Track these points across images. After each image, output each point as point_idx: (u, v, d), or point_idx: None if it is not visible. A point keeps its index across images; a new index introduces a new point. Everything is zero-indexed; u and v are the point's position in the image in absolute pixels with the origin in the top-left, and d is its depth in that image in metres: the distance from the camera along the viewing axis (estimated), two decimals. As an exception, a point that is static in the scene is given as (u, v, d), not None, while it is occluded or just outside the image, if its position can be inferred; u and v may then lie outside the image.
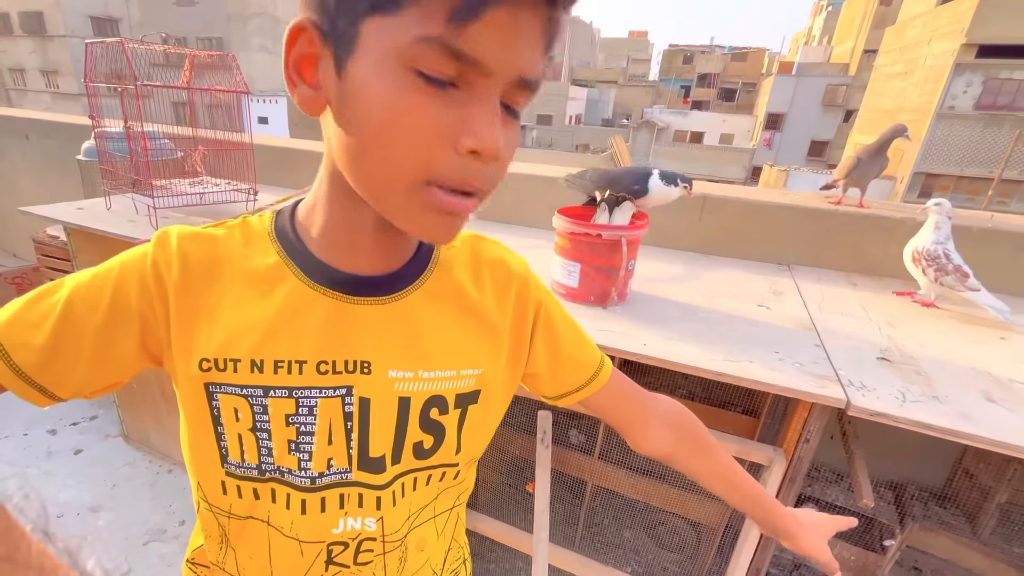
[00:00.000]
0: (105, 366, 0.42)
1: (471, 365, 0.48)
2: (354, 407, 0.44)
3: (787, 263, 1.58)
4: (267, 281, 0.43)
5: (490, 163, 0.36)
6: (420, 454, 0.48)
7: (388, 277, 0.45)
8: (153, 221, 1.65)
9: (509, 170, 0.40)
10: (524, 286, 0.52)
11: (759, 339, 1.04)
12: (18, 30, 21.58)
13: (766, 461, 0.98)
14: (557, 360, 0.54)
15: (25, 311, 0.41)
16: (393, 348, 0.45)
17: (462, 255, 0.51)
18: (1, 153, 3.28)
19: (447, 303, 0.48)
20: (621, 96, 33.18)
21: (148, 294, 0.42)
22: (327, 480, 0.45)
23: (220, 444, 0.43)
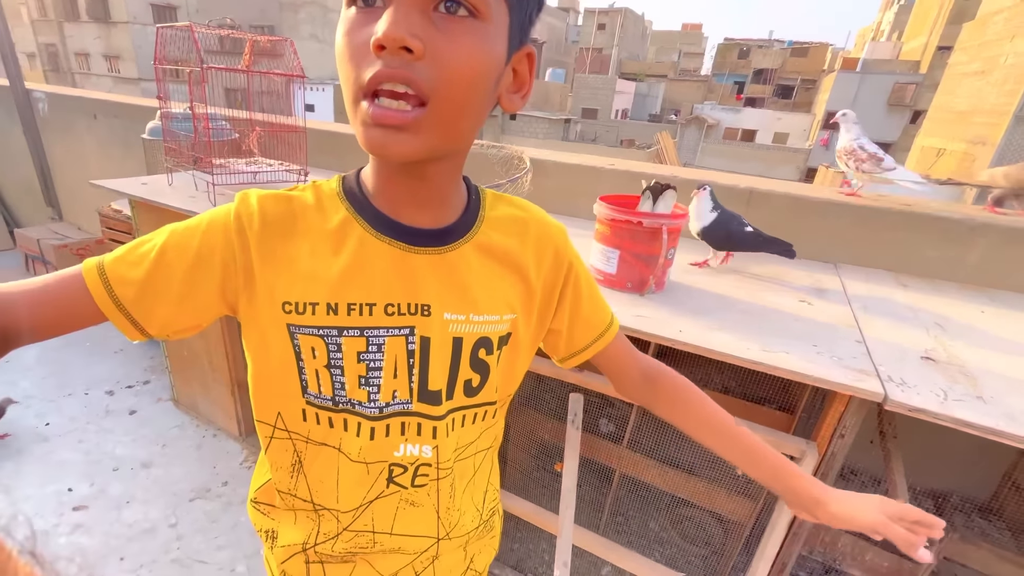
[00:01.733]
0: (188, 307, 0.49)
1: (510, 311, 0.55)
2: (416, 345, 0.50)
3: (834, 261, 1.56)
4: (338, 234, 0.49)
5: (406, 57, 0.38)
6: (469, 392, 0.55)
7: (441, 231, 0.51)
8: (211, 197, 1.77)
9: (552, 158, 0.45)
10: (560, 248, 0.58)
11: (797, 332, 1.05)
12: (84, 16, 22.95)
13: (797, 453, 1.00)
14: (576, 320, 0.61)
15: (128, 253, 0.48)
16: (448, 293, 0.51)
17: (507, 214, 0.57)
18: (71, 131, 3.54)
19: (492, 256, 0.54)
20: (671, 91, 32.54)
21: (231, 244, 0.48)
22: (391, 410, 0.51)
23: (301, 377, 0.50)
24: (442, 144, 0.44)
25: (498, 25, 0.41)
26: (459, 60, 0.39)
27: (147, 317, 0.48)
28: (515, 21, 0.43)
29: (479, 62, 0.41)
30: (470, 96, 0.42)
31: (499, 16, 0.41)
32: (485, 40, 0.41)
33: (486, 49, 0.41)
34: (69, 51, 24.31)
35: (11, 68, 3.47)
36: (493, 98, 0.45)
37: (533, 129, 21.64)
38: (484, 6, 0.40)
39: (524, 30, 0.45)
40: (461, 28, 0.39)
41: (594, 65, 31.80)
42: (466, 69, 0.40)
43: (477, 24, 0.40)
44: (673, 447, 1.31)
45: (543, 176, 1.84)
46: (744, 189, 1.63)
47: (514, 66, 0.46)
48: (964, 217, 1.43)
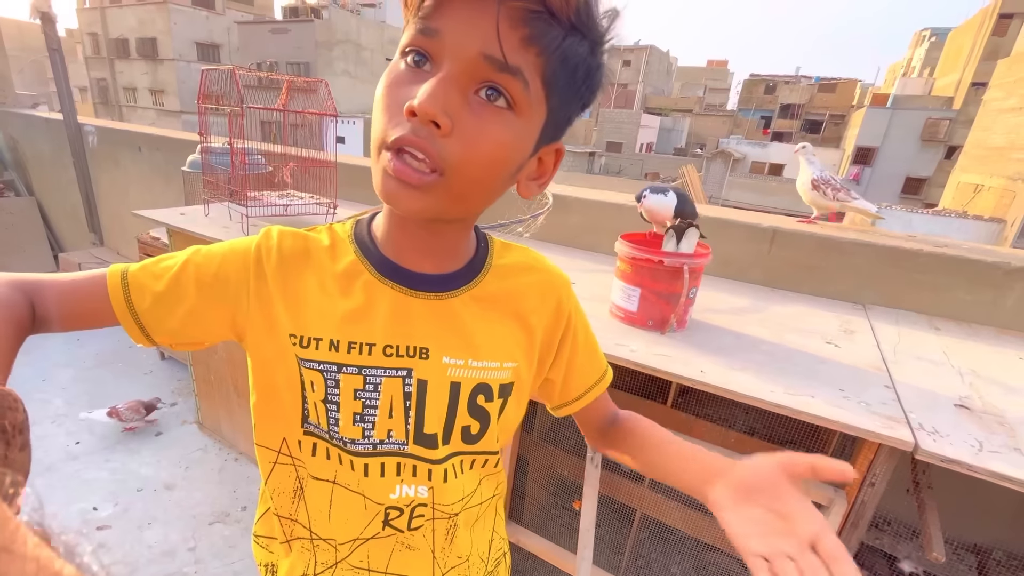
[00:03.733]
0: (195, 324, 0.52)
1: (511, 359, 0.56)
2: (413, 387, 0.52)
3: (863, 303, 1.54)
4: (346, 276, 0.52)
5: (432, 131, 0.39)
6: (468, 439, 0.55)
7: (444, 276, 0.53)
8: (244, 228, 1.85)
9: (575, 194, 0.47)
10: (562, 299, 0.60)
11: (824, 375, 1.04)
12: (134, 54, 24.50)
13: (825, 501, 0.97)
14: (572, 370, 0.63)
15: (152, 264, 0.53)
16: (447, 338, 0.53)
17: (514, 263, 0.59)
18: (116, 162, 3.75)
19: (495, 304, 0.56)
20: (696, 125, 32.79)
21: (247, 273, 0.52)
22: (385, 448, 0.52)
23: (304, 406, 0.52)
24: (451, 209, 0.45)
25: (532, 122, 0.43)
26: (482, 146, 0.41)
27: (156, 326, 0.51)
28: (551, 121, 0.45)
29: (502, 152, 0.43)
30: (485, 178, 0.44)
31: (537, 115, 0.43)
32: (514, 134, 0.42)
33: (512, 142, 0.43)
34: (118, 85, 25.89)
35: (66, 104, 3.73)
36: (512, 181, 0.48)
37: (557, 162, 21.96)
38: (524, 103, 0.41)
39: (559, 128, 0.46)
40: (494, 116, 0.41)
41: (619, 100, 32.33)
42: (487, 156, 0.42)
43: (511, 117, 0.41)
44: (695, 490, 1.29)
45: (565, 212, 1.88)
46: (767, 228, 1.63)
47: (540, 156, 0.48)
48: (1000, 260, 1.41)
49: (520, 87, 0.40)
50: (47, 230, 4.34)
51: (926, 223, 9.09)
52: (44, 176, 4.34)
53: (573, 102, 0.45)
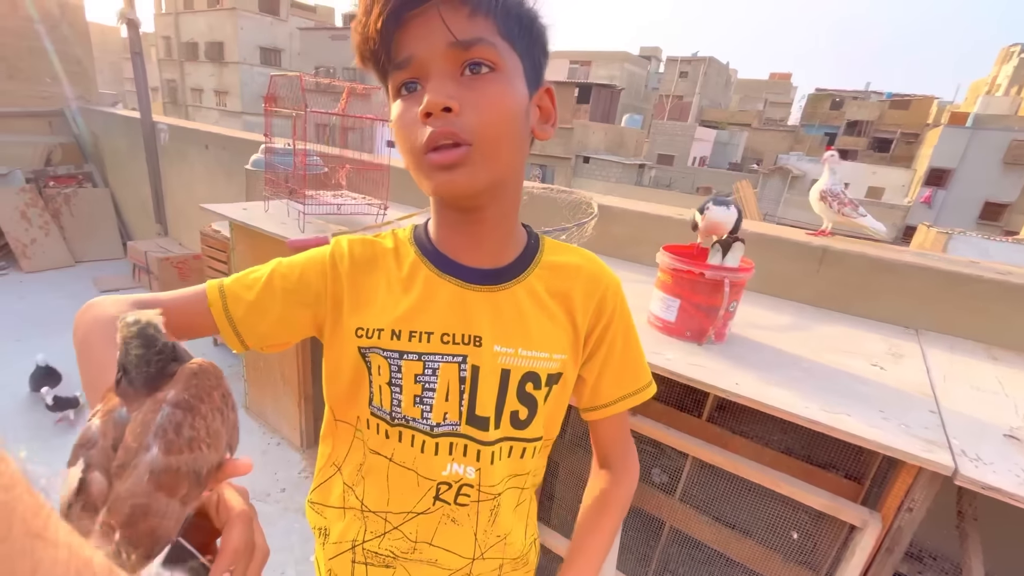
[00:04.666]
0: (283, 327, 0.62)
1: (560, 350, 0.61)
2: (467, 372, 0.58)
3: (915, 327, 1.51)
4: (409, 273, 0.60)
5: (448, 116, 0.48)
6: (516, 424, 0.61)
7: (496, 271, 0.60)
8: (300, 225, 1.99)
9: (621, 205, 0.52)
10: (606, 297, 0.64)
11: (864, 396, 1.04)
12: (202, 57, 26.13)
13: (859, 523, 0.97)
14: (605, 372, 0.65)
15: (243, 277, 0.62)
16: (499, 328, 0.59)
17: (564, 261, 0.64)
18: (185, 158, 4.04)
19: (545, 297, 0.61)
20: (753, 140, 31.99)
21: (325, 279, 0.60)
22: (441, 430, 0.59)
23: (369, 390, 0.60)
24: (492, 174, 0.52)
25: (514, 72, 0.51)
26: (489, 106, 0.49)
27: (249, 332, 0.60)
28: (528, 66, 0.53)
29: (506, 104, 0.50)
30: (504, 131, 0.51)
31: (514, 65, 0.51)
32: (507, 85, 0.50)
33: (509, 92, 0.50)
34: (186, 86, 27.62)
35: (143, 103, 4.06)
36: (526, 131, 0.54)
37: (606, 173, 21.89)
38: (500, 60, 0.49)
39: (537, 73, 0.55)
40: (485, 82, 0.49)
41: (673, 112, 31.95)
42: (496, 111, 0.50)
43: (497, 75, 0.50)
44: (728, 505, 1.30)
45: (611, 222, 1.92)
46: (817, 247, 1.63)
47: (537, 103, 0.56)
48: (1069, 290, 1.36)
49: (489, 50, 0.49)
50: (118, 219, 4.71)
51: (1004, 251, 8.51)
52: (119, 169, 4.72)
53: (534, 46, 0.53)
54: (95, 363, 0.51)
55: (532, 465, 0.65)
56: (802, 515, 1.26)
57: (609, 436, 0.71)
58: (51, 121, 4.65)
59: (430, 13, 0.47)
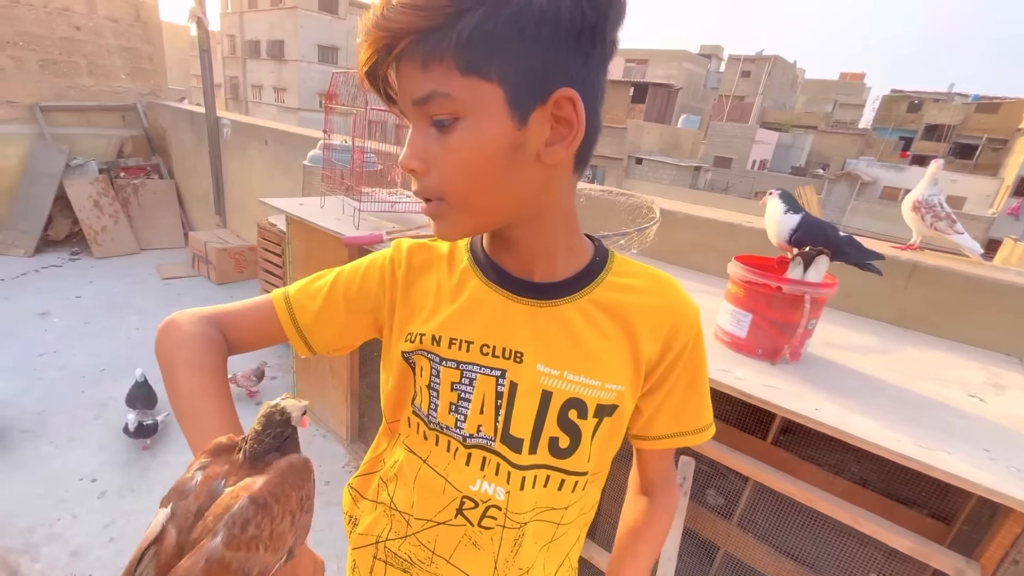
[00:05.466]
0: (348, 332, 0.64)
1: (616, 381, 0.56)
2: (505, 388, 0.56)
3: (1018, 355, 1.38)
4: (460, 280, 0.59)
5: (412, 174, 0.49)
6: (556, 452, 0.57)
7: (546, 285, 0.56)
8: (356, 222, 2.02)
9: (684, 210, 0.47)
10: (679, 328, 0.57)
11: (964, 431, 0.95)
12: (264, 54, 27.33)
13: (953, 572, 0.89)
14: (664, 407, 0.61)
15: (307, 286, 0.64)
16: (545, 346, 0.55)
17: (633, 283, 0.58)
18: (245, 153, 4.21)
19: (605, 320, 0.56)
20: (819, 143, 30.62)
21: (384, 284, 0.62)
22: (474, 442, 0.57)
23: (413, 391, 0.61)
24: (476, 222, 0.52)
25: (487, 108, 0.44)
26: (453, 162, 0.46)
27: (316, 339, 0.63)
28: (516, 86, 0.44)
29: (471, 156, 0.46)
30: (473, 183, 0.47)
31: (487, 99, 0.44)
32: (472, 133, 0.45)
33: (476, 141, 0.45)
34: (247, 83, 28.96)
35: (209, 100, 4.26)
36: (521, 163, 0.47)
37: (659, 175, 21.47)
38: (460, 106, 0.44)
39: (538, 84, 0.44)
40: (450, 136, 0.45)
41: (733, 113, 30.99)
42: (459, 166, 0.46)
43: (464, 124, 0.45)
44: (793, 535, 1.22)
45: (672, 227, 1.85)
46: (905, 262, 1.51)
47: (553, 113, 0.46)
48: None
49: (442, 102, 0.44)
50: (181, 210, 4.97)
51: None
52: (183, 162, 4.98)
53: (531, 51, 0.43)
54: (184, 396, 0.56)
55: (573, 500, 0.60)
56: (875, 553, 1.18)
57: (655, 467, 0.68)
58: (124, 115, 4.94)
59: (397, 69, 0.46)
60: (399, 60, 0.45)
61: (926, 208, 1.54)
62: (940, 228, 1.52)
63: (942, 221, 1.52)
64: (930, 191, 1.56)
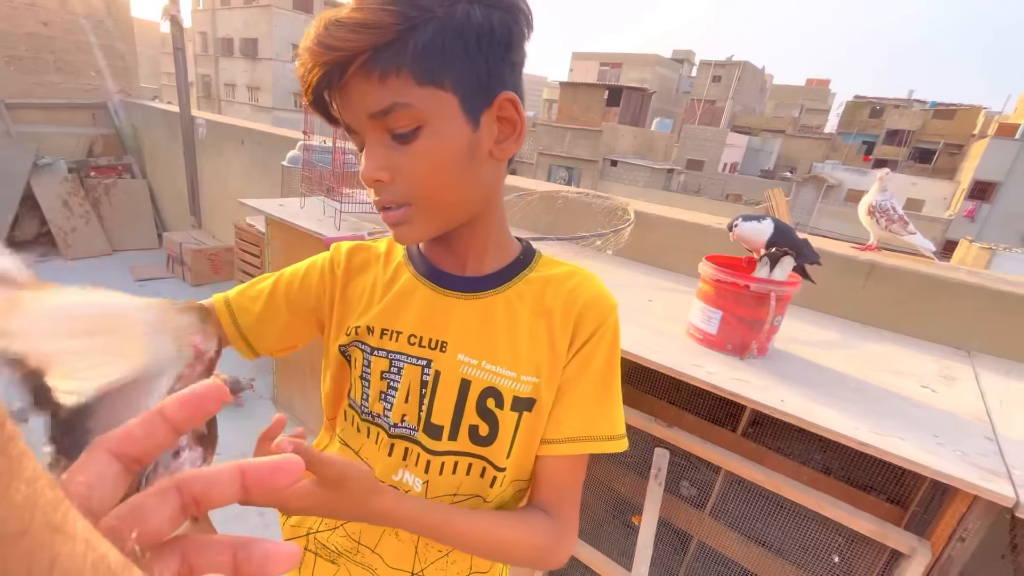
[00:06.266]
0: (289, 332, 0.66)
1: (532, 373, 0.57)
2: (430, 377, 0.58)
3: (967, 349, 1.46)
4: (394, 275, 0.63)
5: (381, 186, 0.50)
6: (476, 440, 0.57)
7: (473, 279, 0.60)
8: (336, 222, 2.02)
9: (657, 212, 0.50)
10: (587, 315, 0.58)
11: (917, 419, 1.01)
12: (237, 52, 26.79)
13: (907, 550, 0.94)
14: (559, 403, 0.58)
15: (248, 289, 0.66)
16: (467, 337, 0.58)
17: (555, 277, 0.60)
18: (221, 153, 4.15)
19: (524, 312, 0.58)
20: (787, 147, 31.39)
21: (324, 281, 0.65)
22: (398, 431, 0.59)
23: (349, 383, 0.64)
24: (440, 221, 0.54)
25: (446, 113, 0.48)
26: (419, 169, 0.49)
27: (258, 339, 0.65)
28: (467, 92, 0.48)
29: (435, 160, 0.49)
30: (440, 184, 0.50)
31: (444, 106, 0.47)
32: (435, 139, 0.48)
33: (437, 146, 0.48)
34: (220, 82, 28.34)
35: (183, 98, 4.17)
36: (477, 163, 0.51)
37: (633, 177, 21.72)
38: (421, 115, 0.47)
39: (483, 90, 0.49)
40: (412, 145, 0.48)
41: (705, 117, 31.56)
42: (426, 171, 0.49)
43: (424, 133, 0.48)
44: (760, 523, 1.27)
45: (647, 229, 1.91)
46: (864, 261, 1.59)
47: (497, 115, 0.51)
48: None
49: (404, 113, 0.47)
50: (154, 211, 4.85)
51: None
52: (156, 162, 4.87)
53: (476, 59, 0.47)
54: None
55: (495, 495, 0.59)
56: (837, 537, 1.24)
57: (551, 484, 0.59)
58: (94, 113, 4.81)
59: (348, 86, 0.47)
60: (353, 77, 0.46)
61: (880, 212, 1.64)
62: (894, 230, 1.62)
63: (896, 223, 1.61)
64: (882, 196, 1.66)
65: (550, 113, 31.56)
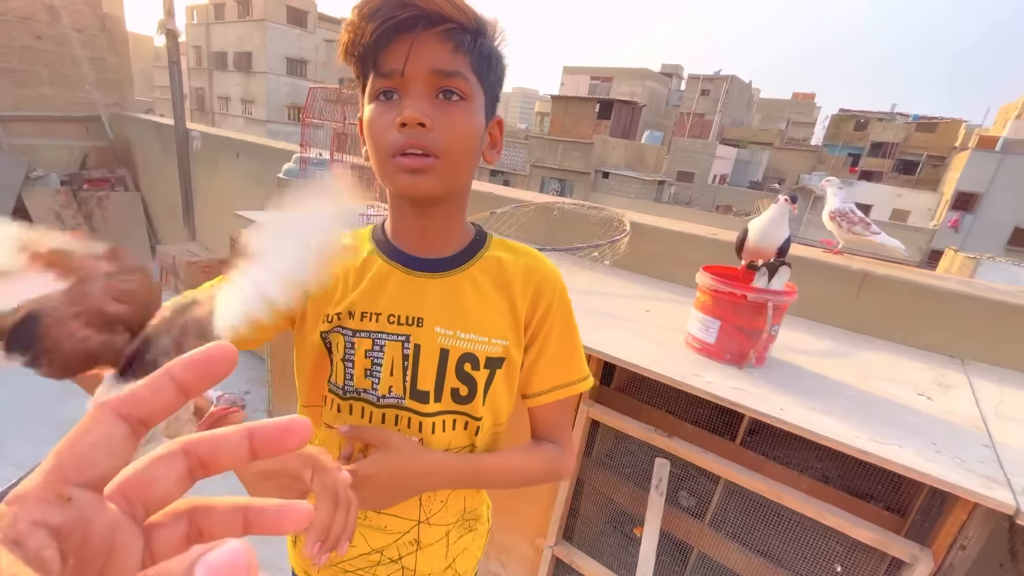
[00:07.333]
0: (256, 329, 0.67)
1: (500, 336, 0.66)
2: (410, 350, 0.64)
3: (960, 357, 1.47)
4: (364, 264, 0.67)
5: (421, 130, 0.54)
6: (458, 399, 0.66)
7: (440, 260, 0.66)
8: (333, 233, 2.01)
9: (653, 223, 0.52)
10: (543, 286, 0.69)
11: (915, 427, 1.02)
12: (231, 66, 26.84)
13: (909, 559, 0.94)
14: (538, 363, 0.70)
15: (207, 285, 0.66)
16: (441, 311, 0.65)
17: (507, 256, 0.69)
18: (216, 165, 4.13)
19: (487, 286, 0.67)
20: (775, 159, 31.77)
21: None
22: (387, 402, 0.65)
23: (330, 370, 0.67)
24: (449, 183, 0.60)
25: (478, 103, 0.59)
26: (456, 129, 0.57)
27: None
28: (488, 100, 0.60)
29: (469, 129, 0.58)
30: (465, 151, 0.59)
31: (479, 97, 0.59)
32: (472, 114, 0.58)
33: (473, 120, 0.58)
34: (214, 95, 28.33)
35: (178, 111, 4.16)
36: (479, 153, 0.62)
37: (625, 188, 21.88)
38: (469, 92, 0.57)
39: (493, 106, 0.62)
40: (455, 108, 0.57)
41: (694, 130, 31.91)
42: (461, 134, 0.57)
43: (465, 104, 0.57)
44: (760, 533, 1.27)
45: (642, 240, 1.91)
46: (857, 271, 1.60)
47: (490, 131, 0.63)
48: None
49: (463, 82, 0.56)
50: (148, 224, 4.82)
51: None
52: (150, 174, 4.84)
53: (496, 82, 0.61)
54: None
55: (481, 442, 0.70)
56: (836, 546, 1.23)
57: (545, 423, 0.74)
58: (88, 126, 4.78)
59: (421, 38, 0.54)
60: (427, 33, 0.54)
61: (840, 216, 1.69)
62: (857, 232, 1.66)
63: (857, 225, 1.66)
64: (840, 202, 1.71)
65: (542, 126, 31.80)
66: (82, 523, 0.18)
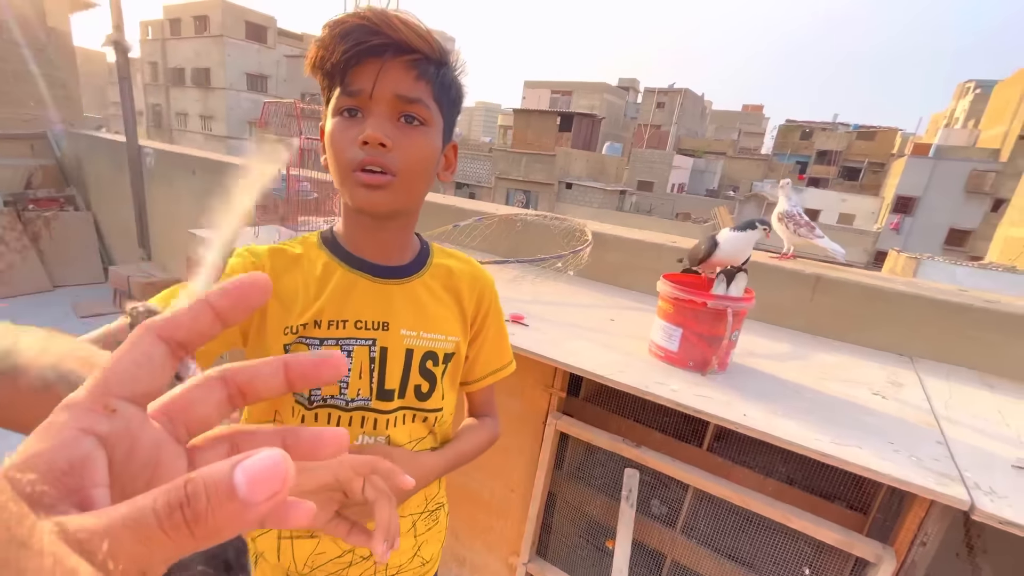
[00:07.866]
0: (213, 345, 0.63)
1: (453, 333, 0.73)
2: (376, 353, 0.67)
3: (909, 355, 1.51)
4: (324, 272, 0.67)
5: (382, 150, 0.57)
6: (419, 396, 0.70)
7: (399, 268, 0.70)
8: (292, 250, 1.94)
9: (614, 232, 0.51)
10: (484, 291, 0.77)
11: (872, 427, 1.03)
12: (189, 82, 26.08)
13: (873, 558, 0.94)
14: (480, 353, 0.79)
15: (162, 301, 0.62)
16: (406, 315, 0.68)
17: (451, 262, 0.76)
18: (172, 184, 3.97)
19: (439, 290, 0.73)
20: (729, 168, 32.77)
21: None
22: (355, 405, 0.67)
23: None
24: (405, 201, 0.63)
25: (437, 128, 0.63)
26: (413, 152, 0.60)
27: None
28: (446, 126, 0.65)
29: (426, 153, 0.62)
30: (421, 172, 0.62)
31: (437, 122, 0.63)
32: (430, 138, 0.62)
33: (430, 144, 0.62)
34: (171, 111, 27.46)
35: (130, 128, 3.99)
36: (434, 174, 0.66)
37: (588, 198, 22.15)
38: (429, 118, 0.61)
39: (450, 131, 0.67)
40: (415, 132, 0.60)
41: (652, 141, 32.63)
42: (418, 157, 0.61)
43: (425, 130, 0.61)
44: (730, 538, 1.26)
45: (604, 249, 1.91)
46: (810, 275, 1.63)
47: (445, 154, 0.68)
48: (1056, 318, 1.37)
49: (424, 109, 0.60)
50: (100, 244, 4.58)
51: (971, 276, 8.77)
52: (101, 193, 4.62)
53: (453, 110, 0.65)
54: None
55: (440, 432, 0.76)
56: (804, 547, 1.23)
57: (480, 401, 0.84)
58: (33, 144, 4.54)
59: (389, 65, 0.57)
60: (394, 60, 0.57)
61: (788, 218, 1.74)
62: (803, 234, 1.71)
63: (803, 228, 1.71)
64: (789, 204, 1.75)
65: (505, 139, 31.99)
66: (128, 434, 0.19)
